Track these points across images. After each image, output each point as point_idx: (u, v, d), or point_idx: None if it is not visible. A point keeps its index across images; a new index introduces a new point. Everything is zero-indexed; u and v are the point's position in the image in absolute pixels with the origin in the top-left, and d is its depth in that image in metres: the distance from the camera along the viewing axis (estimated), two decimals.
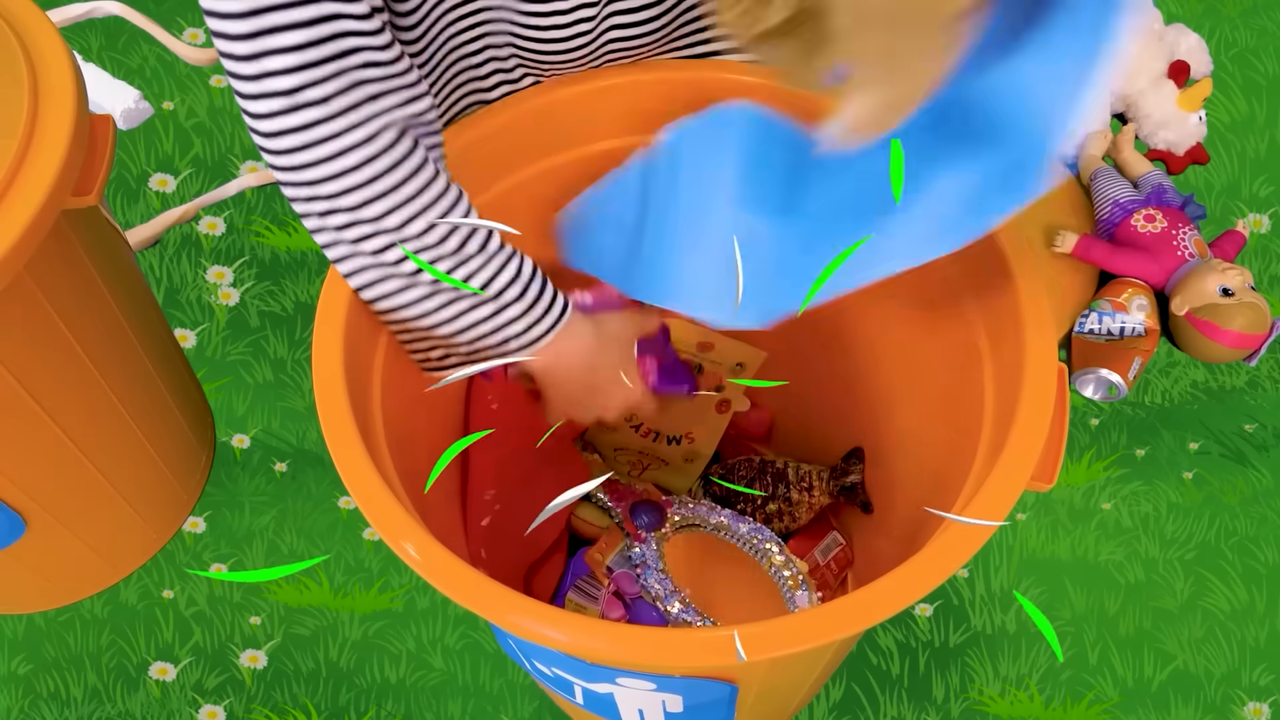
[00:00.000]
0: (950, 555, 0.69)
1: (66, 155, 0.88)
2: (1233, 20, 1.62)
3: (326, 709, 1.18)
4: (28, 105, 0.88)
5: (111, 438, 1.11)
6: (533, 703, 1.18)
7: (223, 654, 1.21)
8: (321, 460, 1.31)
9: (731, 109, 0.83)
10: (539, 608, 0.67)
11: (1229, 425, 1.33)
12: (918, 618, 1.22)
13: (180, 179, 1.48)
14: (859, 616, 0.67)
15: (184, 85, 1.55)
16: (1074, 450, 1.32)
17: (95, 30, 1.58)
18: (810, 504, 1.06)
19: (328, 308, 0.79)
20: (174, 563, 1.26)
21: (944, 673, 1.20)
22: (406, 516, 0.71)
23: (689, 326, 1.10)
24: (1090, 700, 1.19)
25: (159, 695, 1.19)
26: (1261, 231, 1.46)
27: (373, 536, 1.27)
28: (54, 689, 1.20)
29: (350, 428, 0.74)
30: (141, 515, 1.21)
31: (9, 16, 0.93)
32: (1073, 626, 1.22)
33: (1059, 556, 1.26)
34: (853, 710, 1.18)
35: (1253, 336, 1.26)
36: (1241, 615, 1.23)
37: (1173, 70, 1.44)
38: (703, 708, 0.82)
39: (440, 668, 1.20)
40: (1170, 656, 1.21)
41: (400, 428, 0.84)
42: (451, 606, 1.22)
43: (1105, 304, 1.29)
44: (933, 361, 0.92)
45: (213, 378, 1.36)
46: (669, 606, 0.95)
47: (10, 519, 1.07)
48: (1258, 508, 1.28)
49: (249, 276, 1.41)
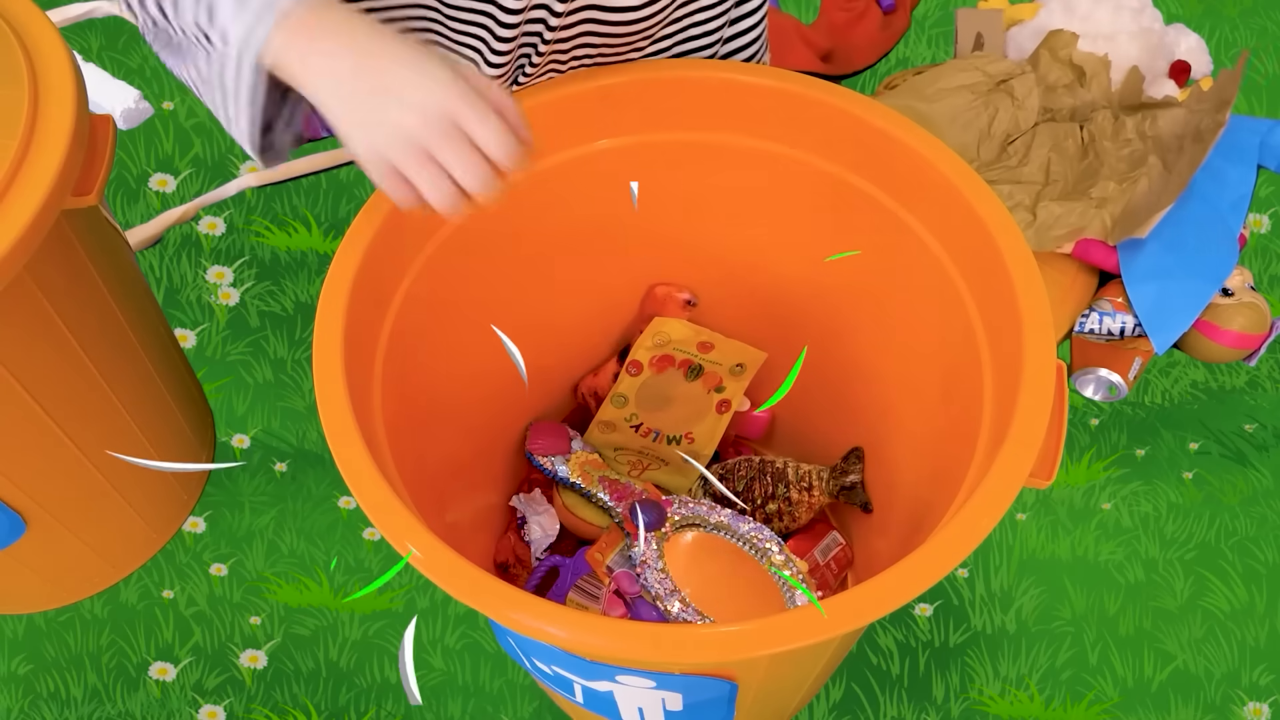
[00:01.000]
0: (948, 553, 0.69)
1: (66, 155, 0.88)
2: (1233, 20, 1.62)
3: (326, 709, 1.18)
4: (28, 105, 0.88)
5: (111, 438, 1.11)
6: (533, 702, 1.18)
7: (223, 654, 1.21)
8: (322, 460, 1.31)
9: None
10: (540, 604, 0.68)
11: (1229, 425, 1.33)
12: (918, 618, 1.22)
13: (180, 179, 1.48)
14: (858, 613, 0.67)
15: (184, 85, 1.55)
16: (1074, 450, 1.32)
17: (95, 30, 1.58)
18: (810, 504, 1.06)
19: (328, 308, 0.79)
20: (174, 563, 1.26)
21: (944, 673, 1.20)
22: (408, 514, 0.71)
23: (688, 326, 1.10)
24: (1090, 700, 1.19)
25: (159, 695, 1.19)
26: (1261, 231, 1.46)
27: (373, 536, 1.27)
28: (54, 689, 1.20)
29: (351, 426, 0.74)
30: (141, 515, 1.21)
31: (9, 16, 0.93)
32: (1073, 626, 1.22)
33: (1059, 556, 1.26)
34: (853, 710, 1.18)
35: (1252, 336, 1.26)
36: (1241, 615, 1.23)
37: (1173, 70, 1.44)
38: (702, 706, 0.82)
39: (440, 668, 1.20)
40: (1170, 656, 1.21)
41: (400, 427, 0.84)
42: (452, 606, 1.22)
43: (1105, 304, 1.29)
44: (932, 361, 0.93)
45: (213, 378, 1.36)
46: (669, 606, 0.95)
47: (10, 519, 1.07)
48: (1258, 508, 1.28)
49: (249, 276, 1.41)
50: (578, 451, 1.09)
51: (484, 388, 1.02)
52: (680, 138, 0.94)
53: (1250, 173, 1.27)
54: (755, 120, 0.92)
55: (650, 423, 1.11)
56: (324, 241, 1.44)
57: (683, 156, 0.96)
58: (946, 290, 0.87)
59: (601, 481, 1.06)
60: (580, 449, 1.09)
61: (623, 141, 0.94)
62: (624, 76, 0.90)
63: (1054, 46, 1.39)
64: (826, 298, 1.03)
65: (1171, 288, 1.23)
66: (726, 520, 1.01)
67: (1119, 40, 1.40)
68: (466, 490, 1.04)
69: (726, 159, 0.95)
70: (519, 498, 1.13)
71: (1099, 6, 1.42)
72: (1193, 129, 1.31)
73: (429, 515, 0.78)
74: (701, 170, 0.97)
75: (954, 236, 0.85)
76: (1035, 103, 1.35)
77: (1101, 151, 1.33)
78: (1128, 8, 1.42)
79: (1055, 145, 1.33)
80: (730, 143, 0.94)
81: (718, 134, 0.94)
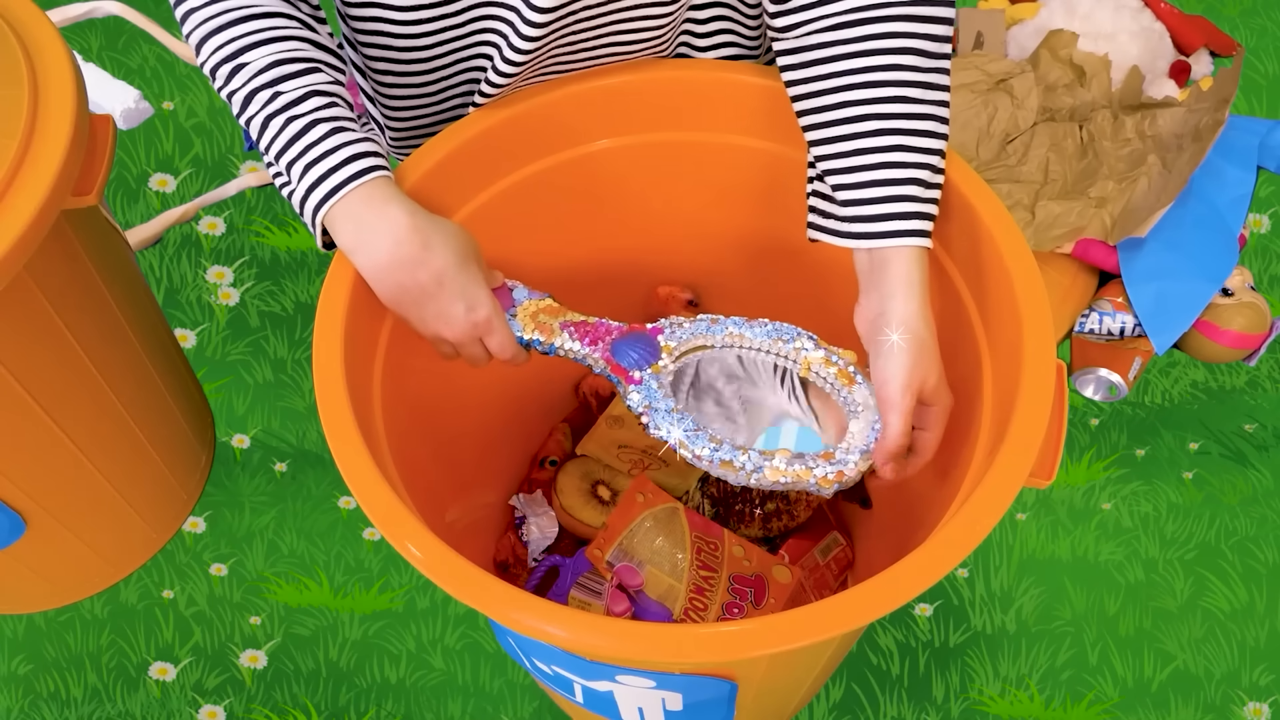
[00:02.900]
0: (948, 553, 0.69)
1: (66, 155, 0.88)
2: (1233, 20, 1.62)
3: (326, 709, 1.18)
4: (28, 105, 0.88)
5: (111, 438, 1.11)
6: (533, 702, 1.18)
7: (223, 654, 1.21)
8: (322, 460, 1.31)
9: None
10: (540, 604, 0.68)
11: (1229, 425, 1.33)
12: (918, 618, 1.22)
13: (180, 179, 1.48)
14: (858, 613, 0.67)
15: (184, 85, 1.55)
16: (1074, 450, 1.32)
17: (95, 30, 1.58)
18: (809, 502, 1.06)
19: (328, 308, 0.79)
20: (174, 563, 1.26)
21: (944, 673, 1.20)
22: (408, 514, 0.71)
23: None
24: (1090, 700, 1.19)
25: (159, 695, 1.19)
26: (1261, 231, 1.46)
27: (373, 536, 1.27)
28: (54, 689, 1.20)
29: (351, 426, 0.74)
30: (141, 515, 1.21)
31: (9, 16, 0.93)
32: (1073, 626, 1.22)
33: (1059, 556, 1.26)
34: (853, 710, 1.18)
35: (1252, 336, 1.26)
36: (1241, 615, 1.23)
37: (1173, 70, 1.44)
38: (702, 706, 0.82)
39: (440, 668, 1.20)
40: (1170, 656, 1.21)
41: (400, 427, 0.84)
42: (451, 606, 1.22)
43: (1105, 304, 1.29)
44: None
45: (213, 378, 1.36)
46: (697, 449, 0.76)
47: (10, 519, 1.07)
48: (1258, 508, 1.28)
49: (249, 276, 1.41)
50: (524, 302, 0.84)
51: (484, 388, 1.02)
52: (680, 138, 0.94)
53: (1250, 173, 1.27)
54: (755, 120, 0.92)
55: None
56: None
57: (683, 156, 0.95)
58: (946, 290, 0.87)
59: (564, 328, 0.82)
60: (527, 298, 0.85)
61: (623, 141, 0.94)
62: (624, 76, 0.90)
63: (1054, 46, 1.39)
64: (827, 298, 1.03)
65: (1171, 288, 1.23)
66: (737, 330, 0.82)
67: (1119, 40, 1.40)
68: (466, 490, 1.04)
69: (726, 159, 0.95)
70: (519, 498, 1.13)
71: (1099, 6, 1.42)
72: (1192, 128, 1.31)
73: (429, 515, 0.78)
74: (701, 170, 0.97)
75: (954, 236, 0.85)
76: (1035, 102, 1.35)
77: (1101, 151, 1.33)
78: (1128, 7, 1.42)
79: (1054, 144, 1.33)
80: (730, 143, 0.94)
81: (718, 134, 0.94)
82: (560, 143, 0.93)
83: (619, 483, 1.10)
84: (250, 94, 0.75)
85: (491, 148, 0.89)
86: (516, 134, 0.90)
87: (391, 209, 0.76)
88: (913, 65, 0.76)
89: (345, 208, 0.75)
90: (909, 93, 0.76)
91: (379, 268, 0.77)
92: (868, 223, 0.78)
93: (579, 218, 0.99)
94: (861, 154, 0.77)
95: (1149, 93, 1.41)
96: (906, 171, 0.77)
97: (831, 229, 0.82)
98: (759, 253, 1.03)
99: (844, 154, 0.78)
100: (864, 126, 0.77)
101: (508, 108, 0.89)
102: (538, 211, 0.95)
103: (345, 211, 0.76)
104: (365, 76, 0.92)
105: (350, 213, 0.76)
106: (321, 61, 0.77)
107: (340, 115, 0.76)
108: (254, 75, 0.75)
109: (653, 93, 0.91)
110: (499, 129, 0.89)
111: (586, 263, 1.04)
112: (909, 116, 0.76)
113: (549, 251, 1.00)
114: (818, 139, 0.80)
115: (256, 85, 0.75)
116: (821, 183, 0.82)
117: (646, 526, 1.02)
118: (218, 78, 0.77)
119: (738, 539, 1.03)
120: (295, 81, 0.75)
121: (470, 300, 0.78)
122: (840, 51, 0.77)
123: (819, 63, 0.78)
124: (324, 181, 0.75)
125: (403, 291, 0.77)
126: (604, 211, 0.99)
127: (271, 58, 0.75)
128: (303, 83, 0.75)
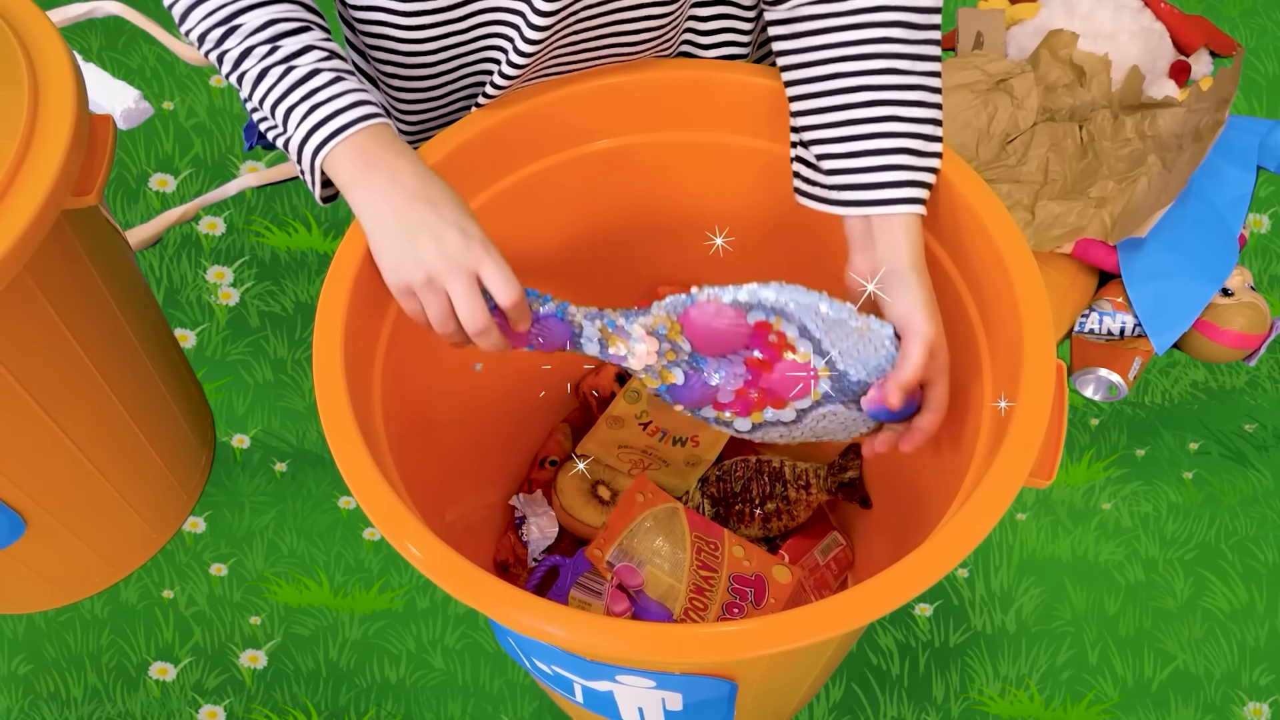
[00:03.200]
0: (948, 553, 0.69)
1: (66, 155, 0.88)
2: (1233, 20, 1.62)
3: (326, 709, 1.18)
4: (28, 105, 0.88)
5: (111, 438, 1.11)
6: (533, 702, 1.18)
7: (223, 654, 1.21)
8: (321, 460, 1.31)
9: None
10: (540, 604, 0.68)
11: (1229, 425, 1.33)
12: (918, 618, 1.22)
13: (180, 179, 1.48)
14: (858, 613, 0.67)
15: (184, 85, 1.55)
16: (1074, 450, 1.32)
17: (95, 30, 1.58)
18: (808, 502, 1.06)
19: (328, 308, 0.79)
20: (174, 563, 1.26)
21: (944, 673, 1.20)
22: (408, 514, 0.71)
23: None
24: (1090, 700, 1.19)
25: (159, 695, 1.19)
26: (1261, 231, 1.46)
27: (373, 536, 1.27)
28: (54, 689, 1.20)
29: (351, 426, 0.74)
30: (141, 515, 1.21)
31: (9, 16, 0.93)
32: (1073, 626, 1.22)
33: (1059, 556, 1.26)
34: (853, 710, 1.18)
35: (1252, 336, 1.26)
36: (1241, 615, 1.23)
37: (1174, 70, 1.44)
38: (702, 706, 0.82)
39: (440, 668, 1.20)
40: (1170, 656, 1.21)
41: (400, 427, 0.84)
42: (451, 606, 1.22)
43: (1105, 304, 1.29)
44: None
45: (213, 378, 1.36)
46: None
47: (10, 519, 1.07)
48: (1258, 508, 1.28)
49: (249, 276, 1.41)
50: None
51: (484, 388, 1.02)
52: (682, 138, 0.94)
53: (1250, 173, 1.27)
54: (757, 120, 0.92)
55: (659, 421, 1.11)
56: (324, 241, 1.44)
57: (684, 156, 0.96)
58: (946, 290, 0.87)
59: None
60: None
61: (623, 141, 0.94)
62: (626, 76, 0.90)
63: (1054, 46, 1.39)
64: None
65: (1171, 288, 1.23)
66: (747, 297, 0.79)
67: (1119, 40, 1.40)
68: (466, 490, 1.04)
69: (728, 159, 0.95)
70: (519, 498, 1.13)
71: (1099, 6, 1.42)
72: (1192, 128, 1.31)
73: (429, 515, 0.78)
74: (703, 170, 0.97)
75: (954, 236, 0.85)
76: (1034, 102, 1.35)
77: (1101, 151, 1.33)
78: (1128, 7, 1.42)
79: (1054, 145, 1.33)
80: (732, 143, 0.94)
81: (719, 134, 0.94)
82: (562, 142, 0.93)
83: (619, 483, 1.10)
84: (246, 50, 0.77)
85: (493, 147, 0.89)
86: (518, 133, 0.90)
87: (393, 151, 0.77)
88: (902, 38, 0.78)
89: (347, 149, 0.76)
90: (899, 64, 0.78)
91: (377, 200, 0.77)
92: (859, 190, 0.79)
93: (580, 217, 0.99)
94: (853, 124, 0.79)
95: (1149, 93, 1.41)
96: (898, 141, 0.79)
97: (819, 196, 0.83)
98: (761, 253, 1.03)
99: (835, 124, 0.80)
100: (856, 98, 0.79)
101: (509, 107, 0.89)
102: (539, 211, 0.95)
103: (347, 153, 0.76)
104: (377, 86, 0.92)
105: (352, 155, 0.76)
106: (315, 23, 0.79)
107: (340, 68, 0.78)
108: (250, 34, 0.77)
109: (654, 92, 0.91)
110: (500, 128, 0.89)
111: (587, 262, 1.04)
112: (899, 87, 0.78)
113: (550, 251, 1.00)
114: (805, 109, 0.82)
115: (254, 42, 0.77)
116: (806, 149, 0.84)
117: (646, 526, 1.02)
118: (208, 40, 0.78)
119: (738, 539, 1.03)
120: (294, 38, 0.77)
121: (464, 227, 0.77)
122: (831, 24, 0.79)
123: (809, 34, 0.80)
124: (326, 124, 0.76)
125: (399, 218, 0.76)
126: (605, 211, 0.99)
127: (267, 17, 0.77)
128: (301, 39, 0.77)
